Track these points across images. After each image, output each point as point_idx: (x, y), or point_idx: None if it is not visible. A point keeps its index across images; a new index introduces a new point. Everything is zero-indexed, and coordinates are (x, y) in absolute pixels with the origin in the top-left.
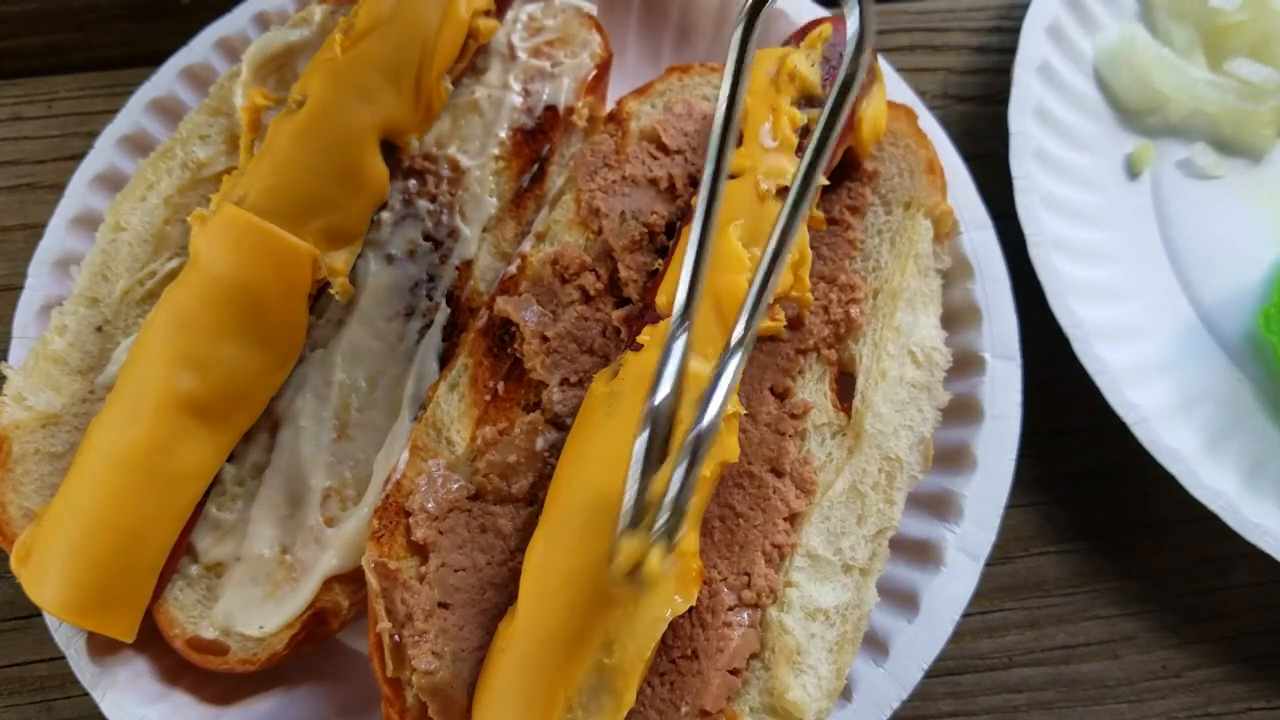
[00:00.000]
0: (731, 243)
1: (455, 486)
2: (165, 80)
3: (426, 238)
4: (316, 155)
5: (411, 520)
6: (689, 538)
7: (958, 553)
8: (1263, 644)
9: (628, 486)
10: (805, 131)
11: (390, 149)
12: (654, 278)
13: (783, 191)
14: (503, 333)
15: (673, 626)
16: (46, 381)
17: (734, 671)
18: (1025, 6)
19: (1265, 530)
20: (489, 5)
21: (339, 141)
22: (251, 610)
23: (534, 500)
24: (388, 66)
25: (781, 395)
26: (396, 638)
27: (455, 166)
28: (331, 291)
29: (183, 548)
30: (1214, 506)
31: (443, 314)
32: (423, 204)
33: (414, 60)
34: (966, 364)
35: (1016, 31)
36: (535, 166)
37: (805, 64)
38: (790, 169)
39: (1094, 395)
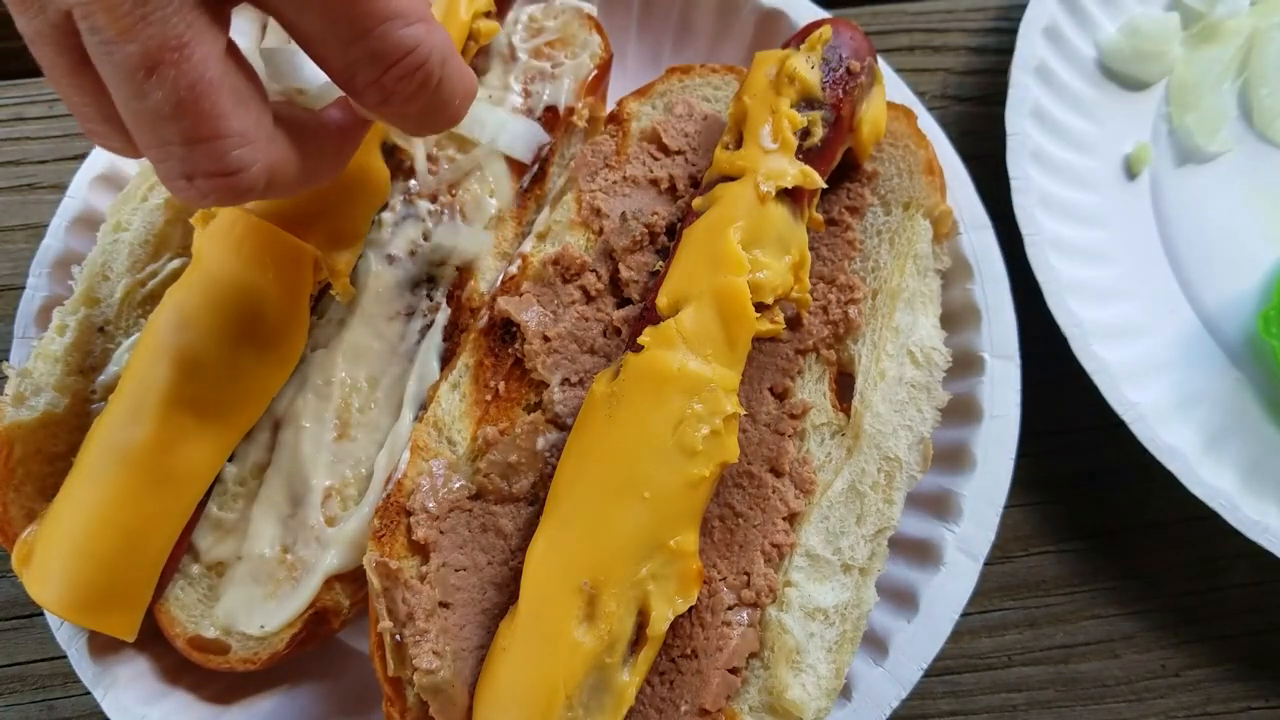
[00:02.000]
0: (731, 244)
1: (456, 486)
2: None
3: (427, 238)
4: None
5: (413, 520)
6: (689, 537)
7: (957, 552)
8: (1261, 643)
9: None
10: (805, 133)
11: (390, 150)
12: (655, 278)
13: (783, 193)
14: (504, 332)
15: (673, 626)
16: (48, 382)
17: (733, 670)
18: (1025, 7)
19: (1265, 528)
20: (489, 7)
21: None
22: (253, 609)
23: (535, 500)
24: None
25: (781, 395)
26: (398, 637)
27: None
28: (333, 293)
29: (184, 547)
30: (1213, 504)
31: (443, 314)
32: (423, 204)
33: None
34: (966, 364)
35: (1016, 32)
36: (535, 167)
37: (805, 66)
38: (790, 171)
39: (1093, 395)
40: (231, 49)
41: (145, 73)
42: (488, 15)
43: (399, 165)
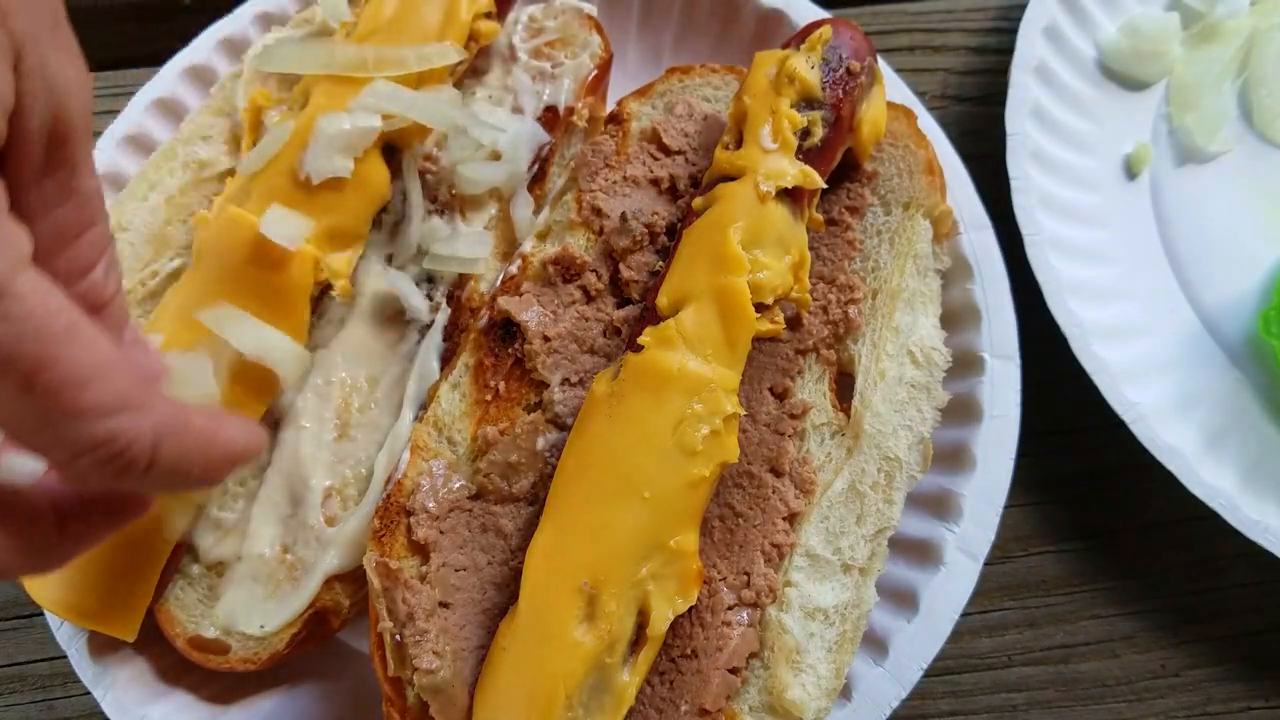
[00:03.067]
0: (732, 244)
1: (456, 486)
2: (167, 80)
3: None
4: None
5: (413, 520)
6: (689, 537)
7: (957, 552)
8: (1261, 643)
9: None
10: (805, 134)
11: (391, 150)
12: (655, 278)
13: (783, 193)
14: (504, 332)
15: (673, 626)
16: None
17: (733, 670)
18: (1024, 7)
19: (1265, 527)
20: (490, 7)
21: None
22: (253, 609)
23: (535, 500)
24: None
25: (781, 395)
26: (398, 637)
27: None
28: (333, 294)
29: (184, 547)
30: (1213, 503)
31: (443, 314)
32: (424, 204)
33: None
34: (966, 364)
35: (1016, 32)
36: (535, 167)
37: (805, 66)
38: (790, 171)
39: (1093, 395)
40: None
41: None
42: (488, 16)
43: (399, 166)
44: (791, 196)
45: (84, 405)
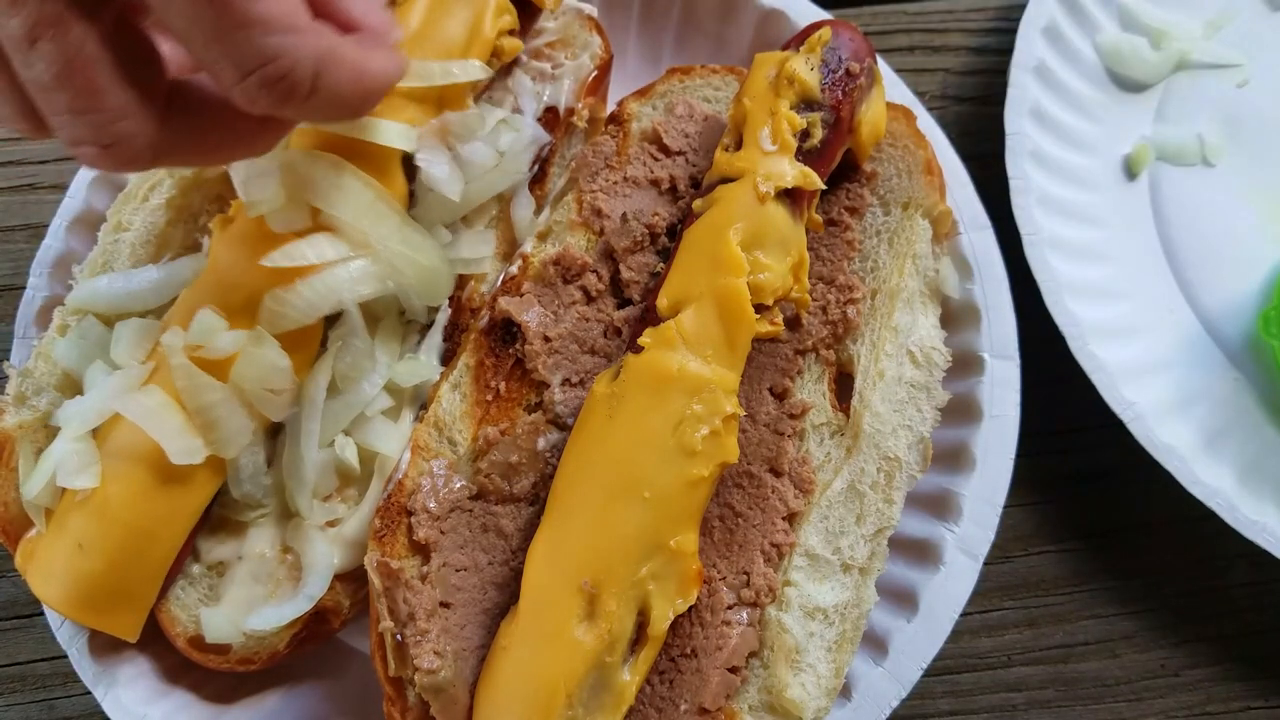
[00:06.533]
0: (731, 246)
1: (457, 486)
2: None
3: None
4: None
5: (414, 520)
6: (689, 537)
7: (956, 552)
8: (1261, 643)
9: None
10: (805, 135)
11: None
12: (656, 279)
13: (782, 194)
14: (504, 333)
15: (673, 625)
16: (49, 382)
17: (733, 670)
18: (1024, 7)
19: (1263, 527)
20: (514, 25)
21: (366, 161)
22: (253, 609)
23: (536, 500)
24: (414, 87)
25: (780, 395)
26: (399, 637)
27: None
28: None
29: (189, 549)
30: (1211, 503)
31: (444, 314)
32: None
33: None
34: (965, 364)
35: (1016, 32)
36: (536, 167)
37: (804, 68)
38: (790, 172)
39: (1093, 394)
40: (121, 33)
41: (29, 44)
42: (511, 33)
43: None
44: (791, 197)
45: (253, 16)
